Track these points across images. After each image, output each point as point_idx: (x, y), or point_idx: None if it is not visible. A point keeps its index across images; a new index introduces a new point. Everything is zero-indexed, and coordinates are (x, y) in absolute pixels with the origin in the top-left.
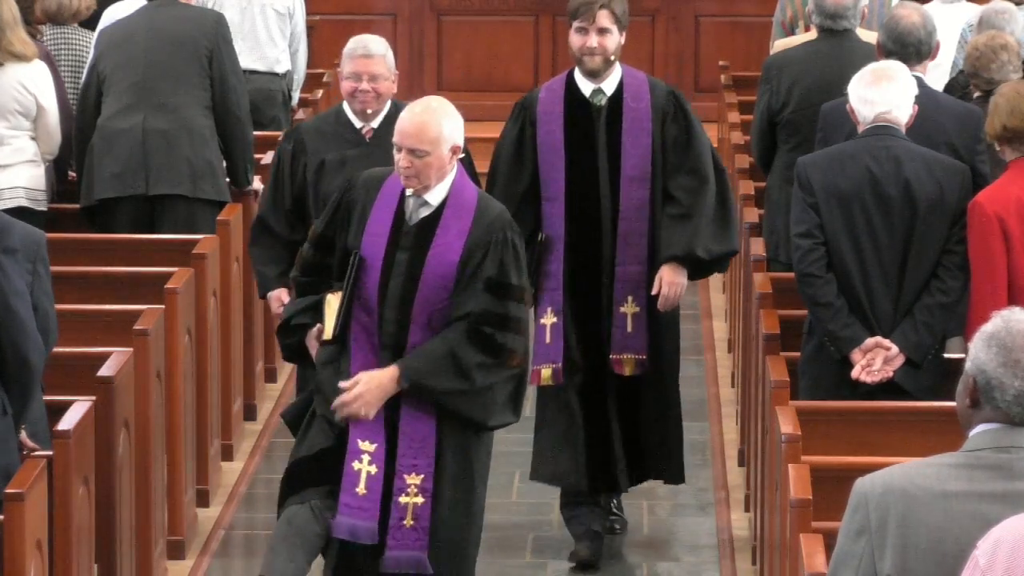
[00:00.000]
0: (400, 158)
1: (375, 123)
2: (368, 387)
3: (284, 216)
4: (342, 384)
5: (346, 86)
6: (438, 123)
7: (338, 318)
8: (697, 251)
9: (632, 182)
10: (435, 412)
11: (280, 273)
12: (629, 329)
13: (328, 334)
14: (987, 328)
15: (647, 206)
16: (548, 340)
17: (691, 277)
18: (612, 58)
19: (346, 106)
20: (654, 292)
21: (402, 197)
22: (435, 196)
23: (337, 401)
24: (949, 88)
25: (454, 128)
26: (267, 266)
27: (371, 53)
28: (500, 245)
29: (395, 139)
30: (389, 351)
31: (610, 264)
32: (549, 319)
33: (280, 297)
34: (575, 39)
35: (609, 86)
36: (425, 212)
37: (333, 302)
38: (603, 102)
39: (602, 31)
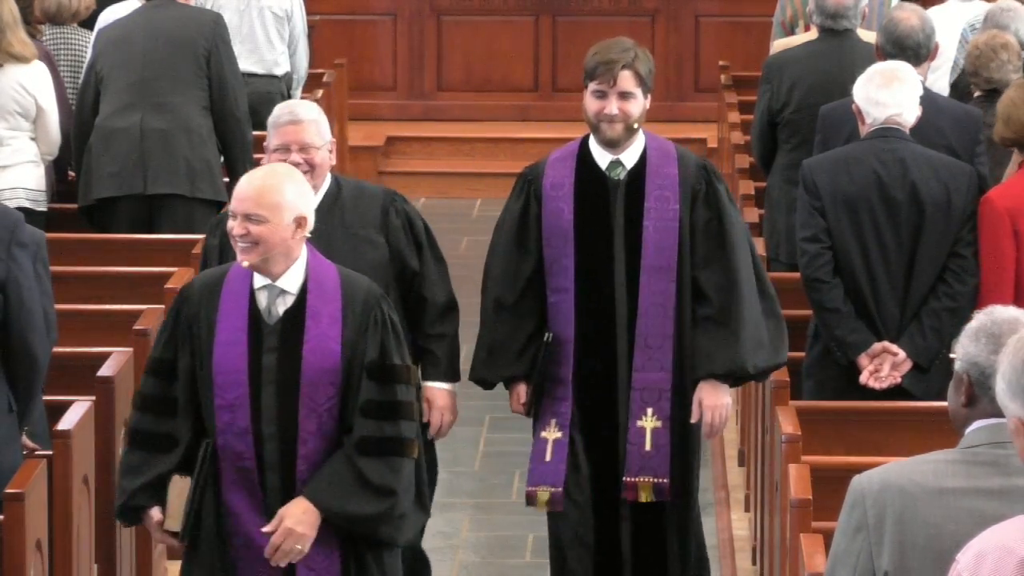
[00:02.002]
0: (235, 225)
1: (315, 202)
2: (294, 519)
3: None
4: (265, 529)
5: (273, 161)
6: (280, 187)
7: (187, 515)
8: (746, 366)
9: (655, 273)
10: (336, 540)
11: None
12: (648, 447)
13: (175, 525)
14: (971, 325)
15: (672, 302)
16: (548, 458)
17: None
18: (635, 125)
19: None
20: (694, 420)
21: (252, 293)
22: (292, 281)
23: (268, 548)
24: (954, 88)
25: (299, 196)
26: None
27: (299, 118)
28: (379, 325)
29: (231, 205)
30: (276, 473)
31: (627, 370)
32: (552, 433)
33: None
34: (591, 103)
35: (630, 158)
36: (285, 304)
37: (180, 486)
38: (622, 176)
39: (624, 95)
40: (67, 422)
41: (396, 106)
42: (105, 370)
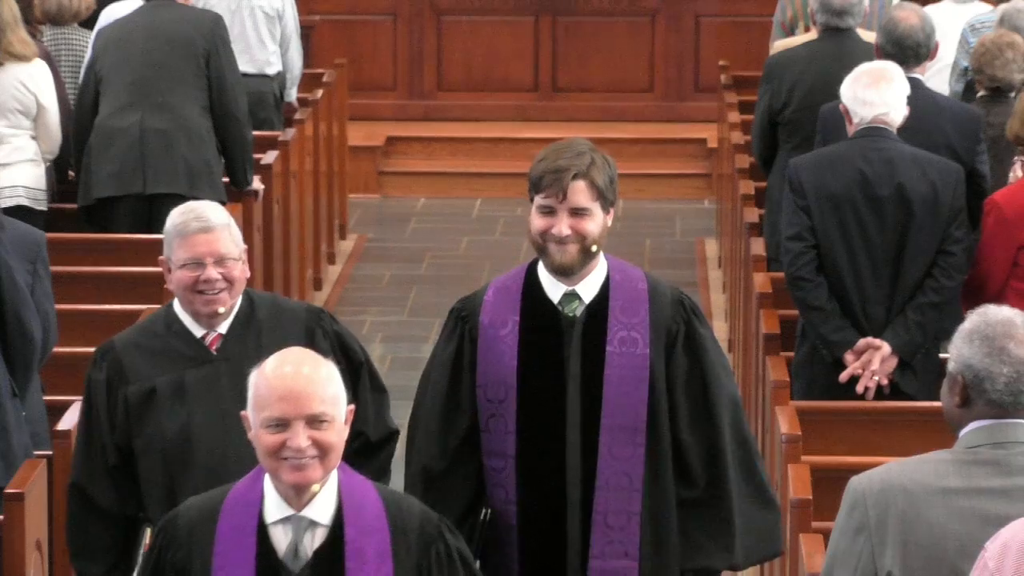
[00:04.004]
0: (289, 440)
1: (223, 326)
2: None
3: (108, 478)
4: None
5: (181, 279)
6: (331, 372)
7: None
8: (736, 559)
9: (617, 434)
10: None
11: (110, 568)
12: None
13: None
14: (964, 326)
15: (639, 471)
16: None
17: None
18: (594, 248)
19: (178, 307)
20: None
21: (263, 529)
22: (323, 508)
23: None
24: (967, 88)
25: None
26: (91, 561)
27: (211, 224)
28: (444, 564)
29: (271, 413)
30: None
31: (579, 556)
32: None
33: None
34: (536, 221)
35: (588, 289)
36: (314, 540)
37: None
38: (578, 312)
39: (577, 212)
40: (67, 422)
41: (396, 106)
42: None
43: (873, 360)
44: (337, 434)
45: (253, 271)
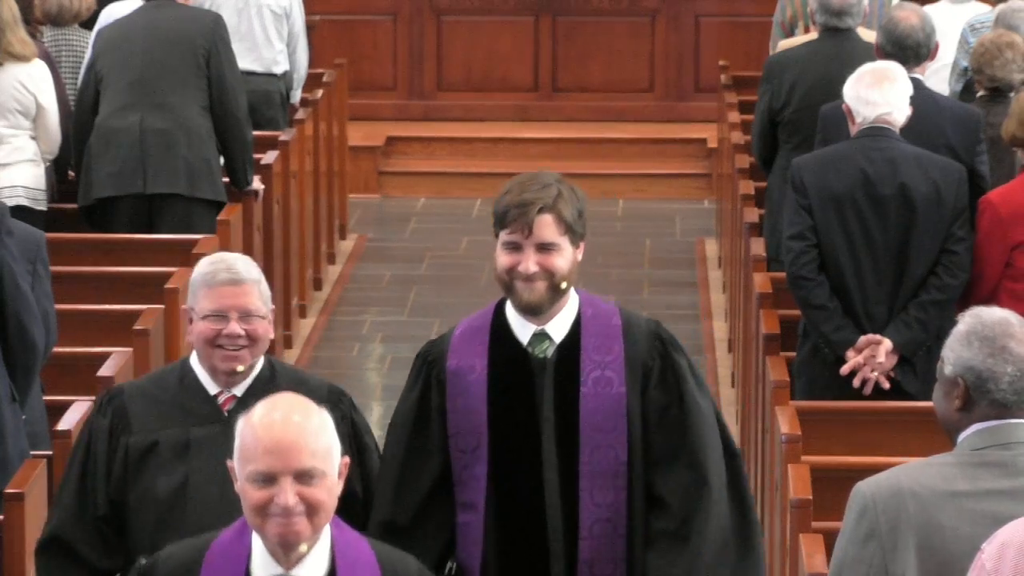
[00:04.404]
0: (277, 496)
1: (240, 388)
2: None
3: (95, 529)
4: None
5: (202, 330)
6: (324, 422)
7: None
8: None
9: (597, 480)
10: None
11: None
12: None
13: None
14: (960, 329)
15: (623, 515)
16: None
17: None
18: (563, 285)
19: (194, 361)
20: None
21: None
22: (314, 568)
23: None
24: (966, 88)
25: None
26: None
27: (241, 278)
28: None
29: (256, 467)
30: None
31: None
32: None
33: None
34: (502, 258)
35: (558, 328)
36: None
37: None
38: (549, 353)
39: (544, 247)
40: (67, 422)
41: (396, 106)
42: (105, 370)
43: (877, 353)
44: (328, 491)
45: None
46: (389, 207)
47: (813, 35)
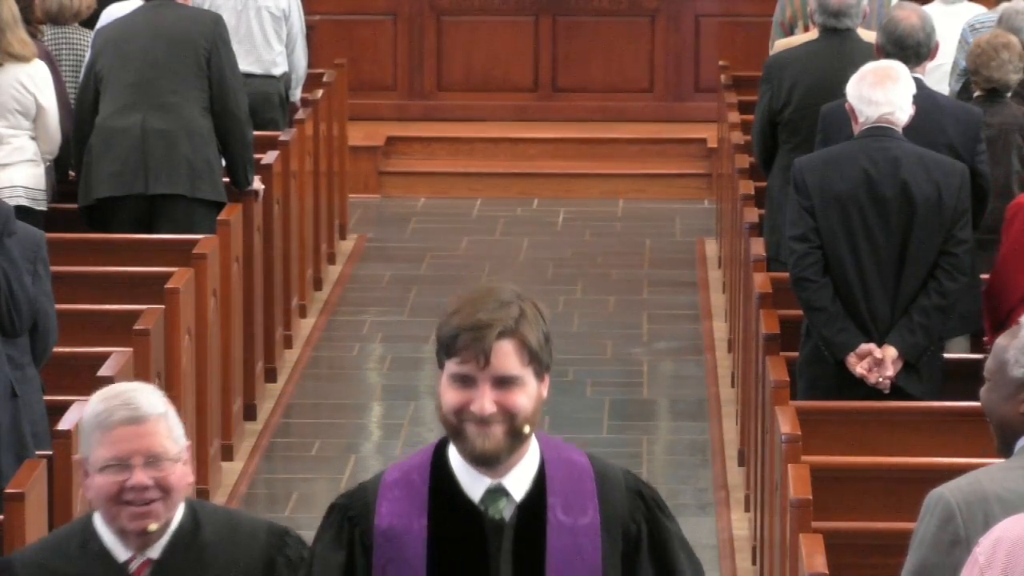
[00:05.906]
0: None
1: (156, 550)
2: None
3: None
4: None
5: (101, 485)
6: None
7: None
8: None
9: None
10: None
11: None
12: None
13: None
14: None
15: None
16: None
17: None
18: (525, 429)
19: (98, 521)
20: None
21: None
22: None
23: None
24: (963, 88)
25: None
26: None
27: (142, 414)
28: None
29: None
30: None
31: None
32: None
33: None
34: (449, 395)
35: (518, 482)
36: None
37: None
38: (507, 514)
39: (503, 381)
40: (67, 422)
41: (396, 106)
42: (105, 370)
43: (884, 363)
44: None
45: (253, 271)
46: (389, 207)
47: (813, 35)
